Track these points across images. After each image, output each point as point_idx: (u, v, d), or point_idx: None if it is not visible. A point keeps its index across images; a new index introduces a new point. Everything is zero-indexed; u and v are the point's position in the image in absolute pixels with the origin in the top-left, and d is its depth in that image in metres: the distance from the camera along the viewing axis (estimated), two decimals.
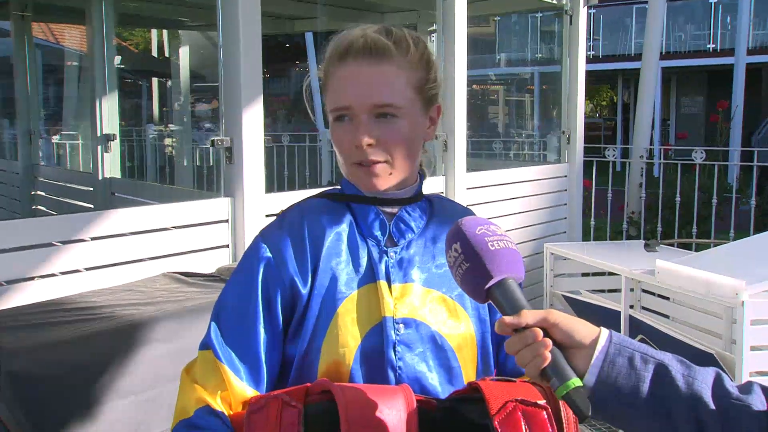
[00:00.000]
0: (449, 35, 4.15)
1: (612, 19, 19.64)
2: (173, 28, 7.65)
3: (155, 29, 15.05)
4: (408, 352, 1.22)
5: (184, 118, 7.73)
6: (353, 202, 1.30)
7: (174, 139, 9.37)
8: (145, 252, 2.81)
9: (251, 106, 2.97)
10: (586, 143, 5.57)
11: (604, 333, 1.02)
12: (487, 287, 1.04)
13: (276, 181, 8.05)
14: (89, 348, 1.96)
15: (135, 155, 9.66)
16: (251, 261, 1.26)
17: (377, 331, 1.22)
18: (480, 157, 7.63)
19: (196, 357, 1.25)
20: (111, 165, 4.76)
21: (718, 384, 1.01)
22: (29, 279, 2.54)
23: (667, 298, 3.87)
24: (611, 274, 4.16)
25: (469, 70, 4.32)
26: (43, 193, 5.53)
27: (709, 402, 0.98)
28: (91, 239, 2.68)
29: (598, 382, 0.99)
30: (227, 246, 3.02)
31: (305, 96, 1.40)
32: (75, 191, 5.10)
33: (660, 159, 7.19)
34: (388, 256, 1.27)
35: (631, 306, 3.90)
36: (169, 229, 2.89)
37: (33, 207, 5.52)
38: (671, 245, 4.98)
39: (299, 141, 8.97)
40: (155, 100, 14.88)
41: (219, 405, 1.19)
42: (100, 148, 4.72)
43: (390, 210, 1.30)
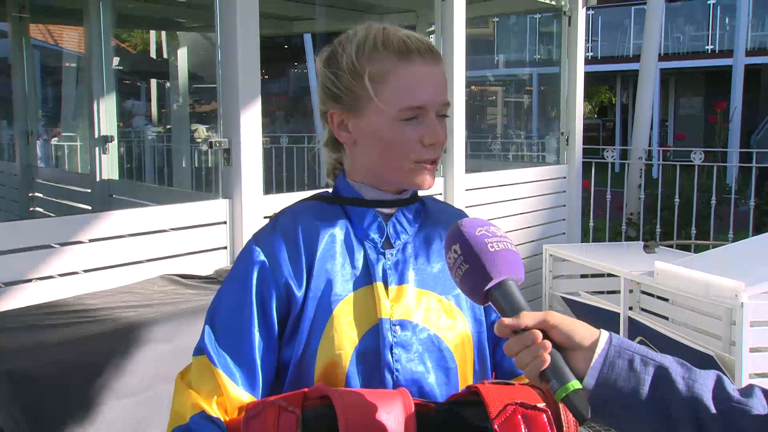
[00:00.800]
0: (448, 36, 4.15)
1: (610, 21, 19.66)
2: (171, 29, 7.65)
3: (153, 30, 15.05)
4: (405, 353, 1.22)
5: (182, 119, 7.72)
6: (352, 205, 1.29)
7: (170, 141, 9.36)
8: (143, 254, 2.80)
9: (249, 107, 2.97)
10: (584, 144, 5.57)
11: (603, 335, 1.02)
12: (487, 289, 1.04)
13: (274, 183, 8.04)
14: (87, 349, 1.96)
15: (133, 156, 9.66)
16: (245, 265, 1.25)
17: (374, 333, 1.21)
18: (479, 159, 7.63)
19: (190, 362, 1.24)
20: (109, 166, 4.75)
21: (718, 387, 1.00)
22: (27, 281, 2.53)
23: (667, 299, 3.87)
24: (610, 275, 4.16)
25: (468, 71, 4.32)
26: (41, 195, 5.52)
27: (710, 405, 0.98)
28: (89, 241, 2.68)
29: (597, 384, 0.99)
30: (225, 248, 3.01)
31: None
32: (73, 193, 5.09)
33: (659, 160, 7.20)
34: (385, 257, 1.26)
35: (631, 308, 3.90)
36: (167, 231, 2.89)
37: (31, 208, 5.51)
38: (670, 246, 4.98)
39: (298, 142, 8.97)
40: (153, 101, 14.88)
41: (215, 411, 1.18)
42: (98, 149, 4.72)
43: (386, 212, 1.30)
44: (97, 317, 2.13)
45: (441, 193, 4.15)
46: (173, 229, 2.90)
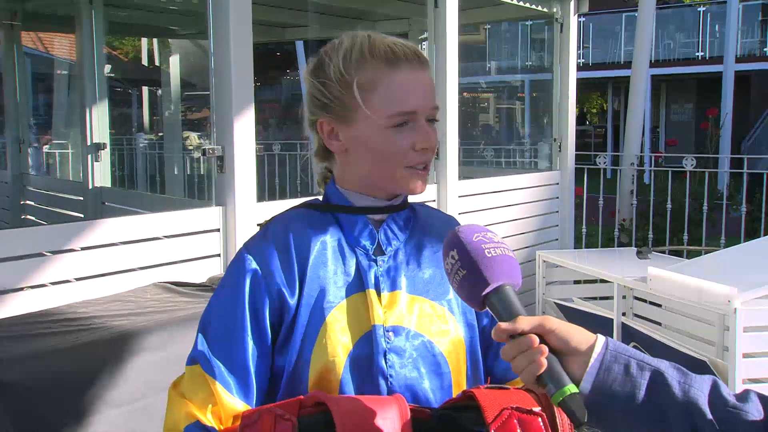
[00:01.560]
0: (441, 43, 4.16)
1: (602, 27, 19.75)
2: (164, 36, 7.64)
3: (145, 38, 15.05)
4: (399, 359, 1.21)
5: (174, 126, 7.71)
6: (343, 212, 1.29)
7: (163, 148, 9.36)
8: (136, 262, 2.79)
9: (242, 114, 2.96)
10: (576, 151, 5.59)
11: (600, 340, 1.02)
12: (484, 294, 1.04)
13: (267, 190, 8.03)
14: (80, 358, 1.94)
15: (125, 164, 9.64)
16: (237, 273, 1.24)
17: (367, 340, 1.21)
18: (471, 165, 7.64)
19: (183, 372, 1.24)
20: (101, 174, 4.74)
21: (714, 391, 1.00)
22: (19, 289, 2.52)
23: (660, 305, 3.88)
24: (603, 281, 4.16)
25: (460, 77, 4.33)
26: (33, 203, 5.50)
27: (705, 409, 0.98)
28: (82, 249, 2.67)
29: (593, 388, 0.99)
30: (219, 255, 3.01)
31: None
32: (65, 201, 5.07)
33: (651, 166, 7.22)
34: (377, 264, 1.26)
35: (624, 313, 3.90)
36: (160, 239, 2.88)
37: (22, 216, 5.48)
38: (663, 252, 4.99)
39: (290, 149, 8.97)
40: (145, 108, 14.87)
41: (209, 420, 1.17)
42: (90, 157, 4.70)
43: (377, 219, 1.30)
44: (90, 326, 2.11)
45: (434, 200, 4.16)
46: (166, 237, 2.89)
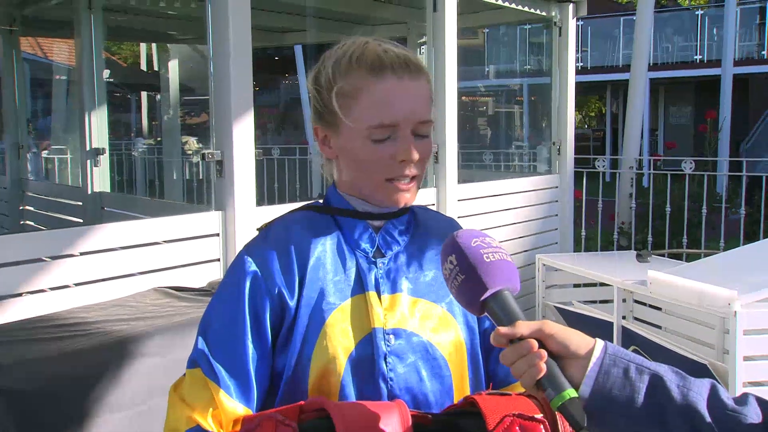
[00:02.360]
0: (439, 47, 4.16)
1: (600, 31, 19.77)
2: (162, 41, 7.64)
3: (144, 43, 15.05)
4: (399, 362, 1.21)
5: (173, 131, 7.71)
6: (342, 215, 1.29)
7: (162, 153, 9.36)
8: (136, 267, 2.79)
9: (242, 119, 2.97)
10: (575, 154, 5.59)
11: (599, 344, 1.02)
12: (483, 299, 1.04)
13: (266, 194, 8.03)
14: (80, 363, 1.95)
15: (124, 169, 9.64)
16: (237, 276, 1.24)
17: (367, 342, 1.21)
18: (470, 169, 7.64)
19: (183, 375, 1.23)
20: (100, 179, 4.74)
21: (713, 395, 1.00)
22: (18, 295, 2.51)
23: (660, 308, 3.88)
24: (603, 284, 4.16)
25: (459, 81, 4.33)
26: (32, 208, 5.49)
27: (704, 413, 0.98)
28: (81, 254, 2.67)
29: (593, 392, 0.99)
30: (218, 260, 3.00)
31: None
32: (64, 206, 5.07)
33: (649, 169, 7.22)
34: (377, 266, 1.26)
35: (624, 317, 3.90)
36: (160, 244, 2.88)
37: (21, 222, 5.48)
38: (662, 255, 4.99)
39: (290, 154, 8.97)
40: (144, 113, 14.87)
41: (210, 424, 1.17)
42: (89, 162, 4.70)
43: (376, 224, 1.29)
44: (90, 331, 2.12)
45: (434, 204, 4.16)
46: (166, 242, 2.89)
